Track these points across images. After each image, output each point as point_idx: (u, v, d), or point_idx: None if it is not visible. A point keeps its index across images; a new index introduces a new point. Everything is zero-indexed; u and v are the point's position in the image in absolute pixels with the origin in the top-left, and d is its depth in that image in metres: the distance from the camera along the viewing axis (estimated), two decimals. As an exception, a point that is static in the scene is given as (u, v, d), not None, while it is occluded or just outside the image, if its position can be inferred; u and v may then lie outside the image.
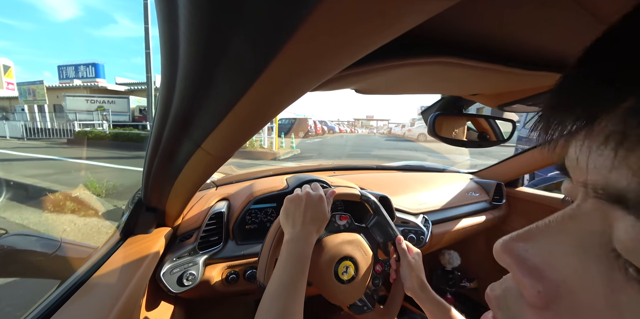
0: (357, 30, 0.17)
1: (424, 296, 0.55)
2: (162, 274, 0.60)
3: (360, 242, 0.63)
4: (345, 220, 0.63)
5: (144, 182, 0.54)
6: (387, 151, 10.08)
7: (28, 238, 0.53)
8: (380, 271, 0.64)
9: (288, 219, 0.52)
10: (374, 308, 0.61)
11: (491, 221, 1.20)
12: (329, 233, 0.61)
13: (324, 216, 0.52)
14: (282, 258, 0.46)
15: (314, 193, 0.54)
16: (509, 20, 0.24)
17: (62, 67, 19.57)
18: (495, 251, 0.16)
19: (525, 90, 0.46)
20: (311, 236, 0.49)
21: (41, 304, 0.41)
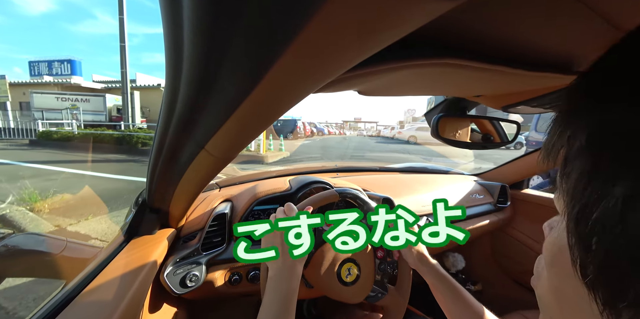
0: (360, 32, 0.17)
1: (425, 269, 0.55)
2: (166, 275, 0.60)
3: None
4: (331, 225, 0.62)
5: (148, 183, 0.55)
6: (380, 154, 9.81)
7: (35, 237, 0.54)
8: (383, 255, 0.65)
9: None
10: (387, 292, 0.62)
11: (496, 224, 1.18)
12: (320, 244, 0.60)
13: None
14: (268, 297, 0.44)
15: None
16: (514, 21, 0.24)
17: (34, 63, 18.20)
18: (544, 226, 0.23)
19: (529, 91, 0.46)
20: (295, 266, 0.47)
21: (47, 304, 0.42)
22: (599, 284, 0.15)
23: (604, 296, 0.15)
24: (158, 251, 0.56)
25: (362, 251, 0.62)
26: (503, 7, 0.22)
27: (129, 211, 0.67)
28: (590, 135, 0.14)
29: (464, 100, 0.65)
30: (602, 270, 0.14)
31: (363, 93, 0.47)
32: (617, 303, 0.14)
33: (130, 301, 0.42)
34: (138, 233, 0.61)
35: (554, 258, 0.19)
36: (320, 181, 0.83)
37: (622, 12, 0.21)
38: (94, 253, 0.58)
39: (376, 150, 11.08)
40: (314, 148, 10.72)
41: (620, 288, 0.14)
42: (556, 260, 0.19)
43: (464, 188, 1.21)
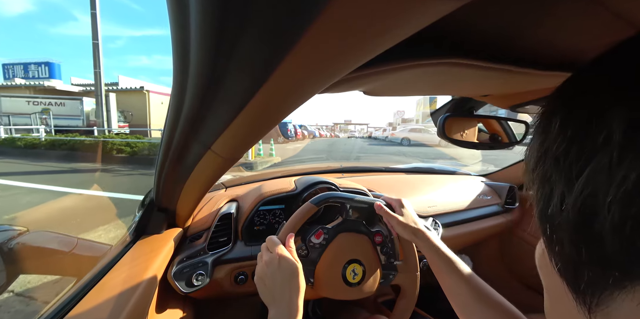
0: (366, 32, 0.17)
1: (421, 244, 0.55)
2: (173, 274, 0.61)
3: (348, 238, 0.62)
4: (321, 235, 0.61)
5: (156, 183, 0.55)
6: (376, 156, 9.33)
7: (48, 235, 0.56)
8: (382, 239, 0.65)
9: (266, 296, 0.49)
10: (398, 271, 0.63)
11: (504, 225, 1.16)
12: (318, 259, 0.59)
13: (292, 272, 0.49)
14: None
15: (271, 256, 0.51)
16: (522, 19, 0.24)
17: (8, 66, 17.08)
18: None
19: (538, 90, 0.45)
20: (293, 303, 0.46)
21: (59, 301, 0.43)
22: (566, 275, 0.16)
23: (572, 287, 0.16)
24: (165, 250, 0.57)
25: (362, 247, 0.62)
26: (511, 4, 0.22)
27: (137, 211, 0.68)
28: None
29: (470, 99, 0.64)
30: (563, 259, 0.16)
31: (368, 94, 0.47)
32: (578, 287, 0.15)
33: (138, 298, 0.43)
34: (146, 232, 0.62)
35: (540, 260, 0.21)
36: (326, 181, 0.83)
37: (636, 8, 0.20)
38: (103, 251, 0.59)
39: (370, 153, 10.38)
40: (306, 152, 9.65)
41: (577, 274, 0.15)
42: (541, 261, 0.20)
43: (470, 188, 1.20)
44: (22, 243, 0.50)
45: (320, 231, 0.61)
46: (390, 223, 0.59)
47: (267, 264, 0.50)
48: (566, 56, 0.30)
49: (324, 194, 0.62)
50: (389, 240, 0.66)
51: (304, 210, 0.59)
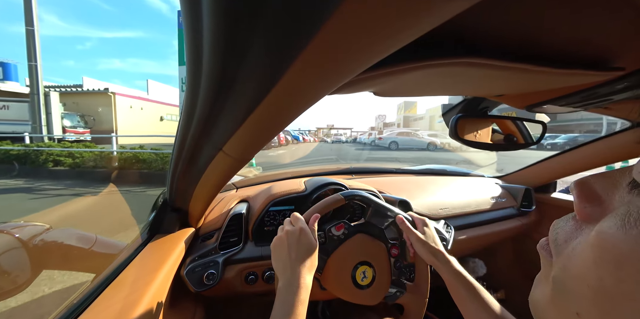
0: (377, 33, 0.17)
1: (441, 267, 0.53)
2: (185, 272, 0.62)
3: (367, 240, 0.62)
4: (342, 229, 0.61)
5: (169, 183, 0.57)
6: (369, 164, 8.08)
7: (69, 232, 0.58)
8: (398, 253, 0.64)
9: (278, 266, 0.50)
10: (406, 290, 0.61)
11: (519, 229, 1.13)
12: (333, 250, 0.59)
13: (309, 249, 0.50)
14: (276, 307, 0.44)
15: (293, 228, 0.52)
16: (540, 15, 0.23)
17: None
18: (569, 186, 0.20)
19: (555, 89, 0.43)
20: (302, 279, 0.47)
21: (79, 296, 0.44)
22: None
23: None
24: (178, 249, 0.58)
25: (377, 253, 0.61)
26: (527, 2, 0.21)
27: (151, 210, 0.70)
28: None
29: (484, 99, 0.63)
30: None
31: (379, 94, 0.46)
32: None
33: (153, 295, 0.44)
34: (160, 231, 0.64)
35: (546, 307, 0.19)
36: (336, 182, 0.83)
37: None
38: (119, 248, 0.61)
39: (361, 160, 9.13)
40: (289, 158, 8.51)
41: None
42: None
43: (484, 191, 1.16)
44: (45, 240, 0.53)
45: (342, 224, 0.62)
46: (410, 239, 0.59)
47: (288, 235, 0.51)
48: (590, 53, 0.29)
49: (355, 191, 0.64)
50: (405, 256, 0.65)
51: (331, 200, 0.61)
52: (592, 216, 0.17)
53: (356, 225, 0.63)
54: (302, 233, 0.51)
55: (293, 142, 18.95)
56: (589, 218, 0.17)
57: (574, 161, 1.06)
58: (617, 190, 0.16)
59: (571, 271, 0.16)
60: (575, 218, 0.18)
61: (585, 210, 0.17)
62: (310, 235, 0.52)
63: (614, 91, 0.37)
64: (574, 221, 0.18)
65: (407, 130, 17.55)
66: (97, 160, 5.59)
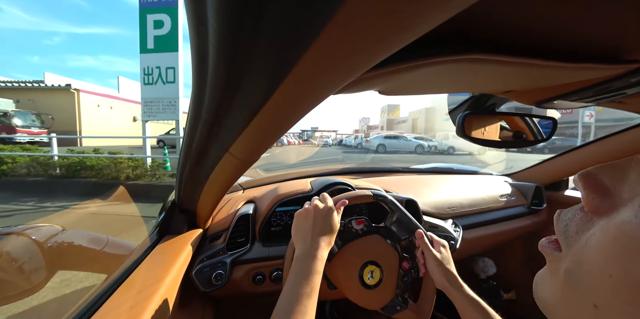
0: (381, 30, 0.16)
1: (454, 292, 0.52)
2: (194, 273, 0.63)
3: (382, 244, 0.61)
4: (362, 224, 0.62)
5: (177, 185, 0.58)
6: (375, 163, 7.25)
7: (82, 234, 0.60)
8: (408, 268, 0.63)
9: (298, 234, 0.51)
10: (407, 307, 0.60)
11: (530, 227, 1.10)
12: (348, 241, 0.60)
13: (332, 227, 0.52)
14: (292, 275, 0.45)
15: (322, 205, 0.54)
16: (549, 9, 0.23)
17: None
18: (574, 179, 0.19)
19: (566, 84, 0.42)
20: (321, 251, 0.48)
21: (92, 297, 0.45)
22: None
23: None
24: (187, 250, 0.59)
25: (388, 257, 0.61)
26: None
27: (160, 212, 0.71)
28: None
29: (492, 96, 0.62)
30: None
31: (384, 93, 0.46)
32: None
33: (163, 295, 0.45)
34: (169, 233, 0.65)
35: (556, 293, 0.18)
36: (342, 182, 0.83)
37: None
38: (130, 249, 0.62)
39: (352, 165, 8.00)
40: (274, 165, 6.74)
41: None
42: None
43: (493, 189, 1.14)
44: (59, 241, 0.54)
45: (363, 220, 0.62)
46: (426, 256, 0.58)
47: (316, 208, 0.53)
48: (603, 46, 0.28)
49: (383, 194, 0.65)
50: (414, 274, 0.63)
51: (362, 193, 0.62)
52: (602, 207, 0.16)
53: (376, 226, 0.64)
54: (330, 211, 0.53)
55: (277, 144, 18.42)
56: (598, 210, 0.16)
57: (587, 158, 1.03)
58: (626, 180, 0.16)
59: (586, 264, 0.16)
60: (584, 210, 0.18)
61: (594, 202, 0.17)
62: (337, 216, 0.53)
63: (628, 85, 0.36)
64: (582, 212, 0.18)
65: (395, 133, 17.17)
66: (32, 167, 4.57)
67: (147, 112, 5.16)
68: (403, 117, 46.87)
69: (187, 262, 0.58)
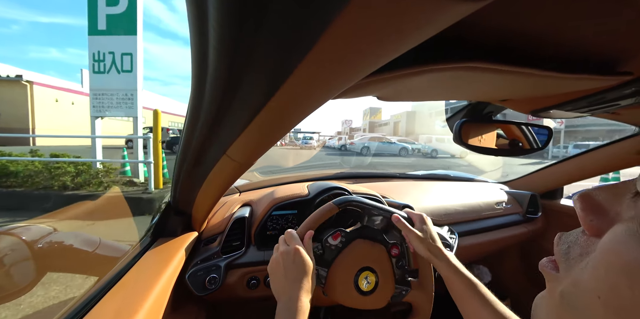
0: (380, 37, 0.17)
1: (439, 263, 0.53)
2: (188, 276, 0.62)
3: (366, 246, 0.61)
4: (338, 237, 0.60)
5: (173, 187, 0.57)
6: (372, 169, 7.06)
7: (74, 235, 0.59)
8: (398, 252, 0.63)
9: (277, 288, 0.49)
10: (411, 287, 0.60)
11: (525, 235, 1.10)
12: (332, 261, 0.58)
13: (305, 269, 0.49)
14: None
15: (287, 248, 0.52)
16: (547, 20, 0.23)
17: None
18: (572, 200, 0.19)
19: (561, 94, 0.43)
20: (300, 302, 0.46)
21: (81, 299, 0.44)
22: None
23: None
24: (181, 253, 0.58)
25: (378, 257, 0.60)
26: (534, 4, 0.21)
27: (154, 214, 0.70)
28: None
29: (488, 104, 0.62)
30: None
31: (382, 99, 0.47)
32: None
33: (155, 298, 0.44)
34: (163, 235, 0.64)
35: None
36: (339, 187, 0.83)
37: None
38: (123, 252, 0.61)
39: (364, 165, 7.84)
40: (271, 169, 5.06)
41: None
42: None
43: (489, 196, 1.15)
44: (50, 242, 0.53)
45: (339, 233, 0.60)
46: (408, 237, 0.58)
47: (283, 255, 0.51)
48: (597, 58, 0.29)
49: (347, 197, 0.62)
50: (406, 255, 0.64)
51: (325, 209, 0.59)
52: (600, 229, 0.16)
53: (353, 231, 0.62)
54: (297, 253, 0.50)
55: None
56: (598, 232, 0.16)
57: (582, 167, 1.04)
58: (622, 201, 0.16)
59: (583, 285, 0.16)
60: (585, 232, 0.18)
61: (593, 224, 0.17)
62: (305, 255, 0.50)
63: (621, 96, 0.37)
64: (585, 236, 0.18)
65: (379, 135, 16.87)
66: None
67: (97, 106, 4.25)
68: (385, 120, 47.45)
69: (180, 265, 0.57)
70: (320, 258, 0.58)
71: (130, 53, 4.16)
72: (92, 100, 4.26)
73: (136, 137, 4.22)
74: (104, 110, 4.28)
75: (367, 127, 48.87)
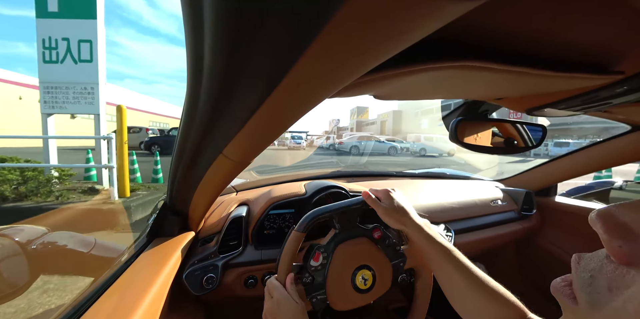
0: (378, 35, 0.17)
1: (412, 232, 0.52)
2: (185, 276, 0.62)
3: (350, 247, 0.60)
4: (320, 256, 0.57)
5: (169, 187, 0.57)
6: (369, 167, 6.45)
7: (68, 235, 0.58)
8: (381, 234, 0.61)
9: None
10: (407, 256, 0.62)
11: (521, 232, 1.12)
12: (324, 281, 0.56)
13: (293, 315, 0.48)
14: None
15: (272, 301, 0.51)
16: (540, 19, 0.23)
17: None
18: (590, 218, 0.16)
19: (556, 93, 0.43)
20: None
21: (77, 301, 0.44)
22: None
23: None
24: (178, 253, 0.58)
25: (365, 251, 0.60)
26: (528, 4, 0.21)
27: (151, 213, 0.70)
28: None
29: (484, 103, 0.63)
30: None
31: (379, 98, 0.47)
32: None
33: (152, 299, 0.44)
34: (159, 235, 0.64)
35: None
36: (336, 186, 0.83)
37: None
38: (119, 252, 0.61)
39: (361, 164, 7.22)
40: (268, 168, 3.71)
41: None
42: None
43: (484, 194, 1.16)
44: (44, 243, 0.52)
45: (317, 253, 0.57)
46: (377, 213, 0.57)
47: (269, 311, 0.51)
48: (591, 57, 0.29)
49: (305, 217, 0.57)
50: (388, 231, 0.63)
51: (292, 241, 0.56)
52: (633, 256, 0.14)
53: (331, 241, 0.59)
54: (281, 303, 0.50)
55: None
56: (630, 259, 0.14)
57: (575, 164, 1.06)
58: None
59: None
60: (611, 259, 0.15)
61: (623, 250, 0.14)
62: (290, 301, 0.50)
63: (613, 94, 0.37)
64: (611, 263, 0.15)
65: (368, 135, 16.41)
66: None
67: (49, 101, 3.65)
68: (372, 119, 47.56)
69: (177, 265, 0.57)
70: (311, 285, 0.55)
71: (90, 40, 3.59)
72: (43, 95, 3.64)
73: (99, 137, 3.64)
74: (57, 106, 3.68)
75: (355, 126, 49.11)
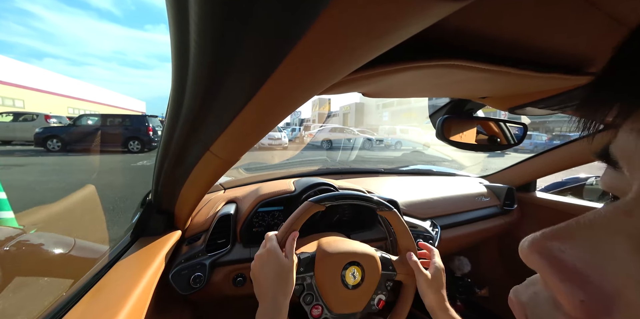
0: (365, 34, 0.17)
1: (440, 315, 0.52)
2: (171, 276, 0.60)
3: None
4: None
5: (154, 184, 0.55)
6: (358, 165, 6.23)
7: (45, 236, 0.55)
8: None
9: (258, 292, 0.48)
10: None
11: (502, 227, 1.17)
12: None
13: (279, 269, 0.47)
14: None
15: (262, 250, 0.51)
16: (519, 22, 0.24)
17: None
18: (521, 251, 0.13)
19: (536, 92, 0.45)
20: (278, 301, 0.45)
21: (55, 304, 0.42)
22: None
23: None
24: (164, 252, 0.56)
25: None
26: (508, 7, 0.22)
27: (135, 212, 0.67)
28: None
29: (469, 101, 0.64)
30: None
31: (367, 95, 0.47)
32: None
33: (136, 300, 0.43)
34: (144, 234, 0.62)
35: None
36: (325, 183, 0.83)
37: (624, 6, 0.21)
38: (101, 253, 0.59)
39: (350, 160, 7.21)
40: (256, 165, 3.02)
41: None
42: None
43: (469, 190, 1.20)
44: (18, 244, 0.50)
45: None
46: (417, 277, 0.58)
47: (258, 258, 0.50)
48: (567, 58, 0.31)
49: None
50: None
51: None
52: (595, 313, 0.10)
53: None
54: (269, 253, 0.49)
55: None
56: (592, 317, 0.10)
57: (553, 161, 1.11)
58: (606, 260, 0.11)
59: None
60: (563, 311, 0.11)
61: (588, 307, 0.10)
62: (279, 254, 0.49)
63: None
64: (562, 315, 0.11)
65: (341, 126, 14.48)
66: None
67: None
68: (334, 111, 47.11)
69: (163, 265, 0.56)
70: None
71: None
72: None
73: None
74: None
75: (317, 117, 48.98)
